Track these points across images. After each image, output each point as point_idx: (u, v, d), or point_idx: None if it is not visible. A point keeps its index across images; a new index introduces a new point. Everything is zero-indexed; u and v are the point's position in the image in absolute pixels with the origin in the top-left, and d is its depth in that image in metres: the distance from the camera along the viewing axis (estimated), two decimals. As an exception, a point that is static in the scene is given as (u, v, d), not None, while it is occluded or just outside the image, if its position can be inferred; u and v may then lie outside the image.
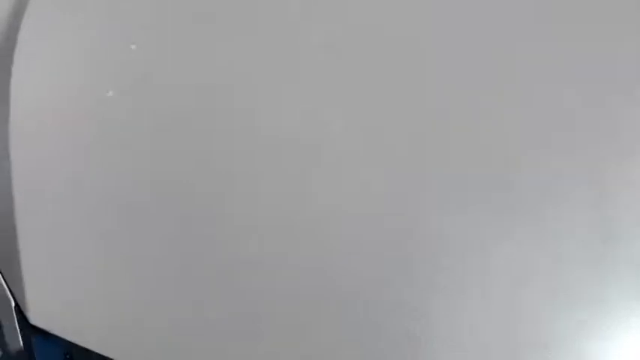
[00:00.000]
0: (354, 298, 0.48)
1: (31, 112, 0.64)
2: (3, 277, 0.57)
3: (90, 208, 0.59)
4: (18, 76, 0.65)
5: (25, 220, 0.58)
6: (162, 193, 0.58)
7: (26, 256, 0.56)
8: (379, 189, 0.53)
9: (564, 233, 0.49)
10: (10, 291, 0.56)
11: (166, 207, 0.57)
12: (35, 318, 0.53)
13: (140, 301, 0.53)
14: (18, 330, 0.54)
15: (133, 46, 0.65)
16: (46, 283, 0.56)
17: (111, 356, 0.50)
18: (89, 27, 0.70)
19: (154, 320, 0.52)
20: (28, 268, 0.56)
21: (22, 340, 0.54)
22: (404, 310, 0.47)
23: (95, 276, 0.56)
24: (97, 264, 0.57)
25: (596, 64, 0.60)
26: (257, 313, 0.49)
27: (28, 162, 0.63)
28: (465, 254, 0.49)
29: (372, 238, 0.50)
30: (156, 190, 0.58)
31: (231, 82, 0.61)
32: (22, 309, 0.54)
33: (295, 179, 0.55)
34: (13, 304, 0.55)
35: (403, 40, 0.63)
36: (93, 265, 0.57)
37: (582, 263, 0.48)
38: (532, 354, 0.45)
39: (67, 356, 0.53)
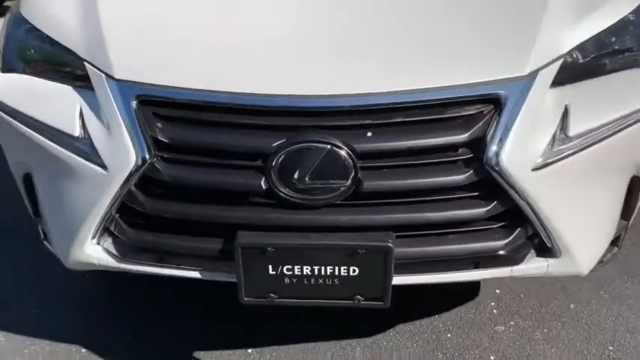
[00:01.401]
0: None
1: None
2: (92, 63, 1.04)
3: None
4: None
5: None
6: None
7: (110, 29, 1.07)
8: None
9: None
10: (97, 68, 1.02)
11: None
12: (120, 72, 1.00)
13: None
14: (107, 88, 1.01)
15: None
16: (125, 46, 1.05)
17: (182, 84, 0.97)
18: None
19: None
20: (112, 37, 1.05)
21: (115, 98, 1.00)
22: None
23: (156, 40, 1.07)
24: (157, 31, 1.08)
25: None
26: None
27: None
28: None
29: None
30: None
31: None
32: (109, 72, 1.00)
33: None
34: (103, 76, 1.01)
35: None
36: (155, 33, 1.08)
37: None
38: None
39: (139, 99, 0.99)
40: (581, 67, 1.06)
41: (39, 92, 1.14)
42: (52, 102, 1.10)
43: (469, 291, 1.66)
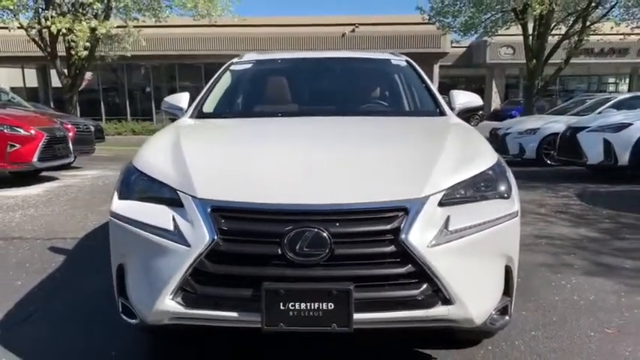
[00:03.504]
0: None
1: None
2: (182, 191, 1.86)
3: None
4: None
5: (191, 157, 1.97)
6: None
7: (194, 170, 1.91)
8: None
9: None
10: (186, 193, 1.85)
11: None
12: (201, 194, 1.82)
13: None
14: (193, 203, 1.79)
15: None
16: (203, 179, 1.88)
17: (236, 199, 1.76)
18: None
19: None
20: (195, 175, 1.89)
21: (197, 209, 1.76)
22: None
23: (221, 174, 1.92)
24: (221, 169, 1.95)
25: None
26: None
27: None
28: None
29: None
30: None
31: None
32: (194, 195, 1.81)
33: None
34: (190, 197, 1.78)
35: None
36: (220, 170, 1.95)
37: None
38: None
39: (212, 208, 1.78)
40: (457, 196, 1.90)
41: (144, 208, 1.95)
42: (153, 213, 1.90)
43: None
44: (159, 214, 1.88)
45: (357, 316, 1.72)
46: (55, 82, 19.02)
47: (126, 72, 26.02)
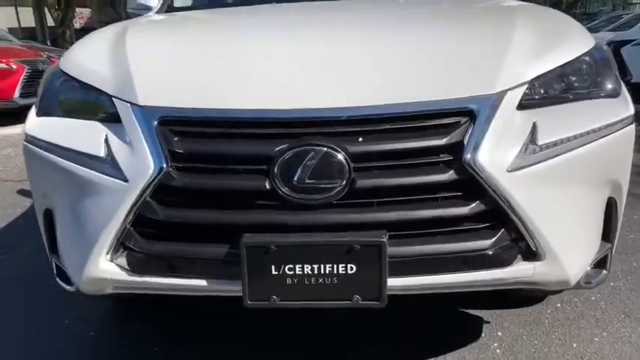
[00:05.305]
0: None
1: None
2: (120, 98, 1.19)
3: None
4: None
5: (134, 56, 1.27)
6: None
7: (137, 68, 1.21)
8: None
9: None
10: (125, 100, 1.18)
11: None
12: (144, 100, 1.15)
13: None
14: (132, 114, 1.14)
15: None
16: (149, 80, 1.20)
17: (196, 105, 1.12)
18: None
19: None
20: (138, 75, 1.19)
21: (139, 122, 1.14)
22: None
23: (172, 75, 1.22)
24: (173, 68, 1.26)
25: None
26: None
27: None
28: None
29: None
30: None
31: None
32: (135, 102, 1.13)
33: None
34: (129, 105, 1.12)
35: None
36: (171, 69, 1.25)
37: None
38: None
39: (160, 121, 1.13)
40: (543, 94, 1.22)
41: (69, 127, 1.29)
42: (81, 133, 1.25)
43: (472, 333, 1.68)
44: (86, 135, 1.23)
45: (392, 281, 1.09)
46: (51, 21, 18.00)
47: (124, 8, 24.70)
